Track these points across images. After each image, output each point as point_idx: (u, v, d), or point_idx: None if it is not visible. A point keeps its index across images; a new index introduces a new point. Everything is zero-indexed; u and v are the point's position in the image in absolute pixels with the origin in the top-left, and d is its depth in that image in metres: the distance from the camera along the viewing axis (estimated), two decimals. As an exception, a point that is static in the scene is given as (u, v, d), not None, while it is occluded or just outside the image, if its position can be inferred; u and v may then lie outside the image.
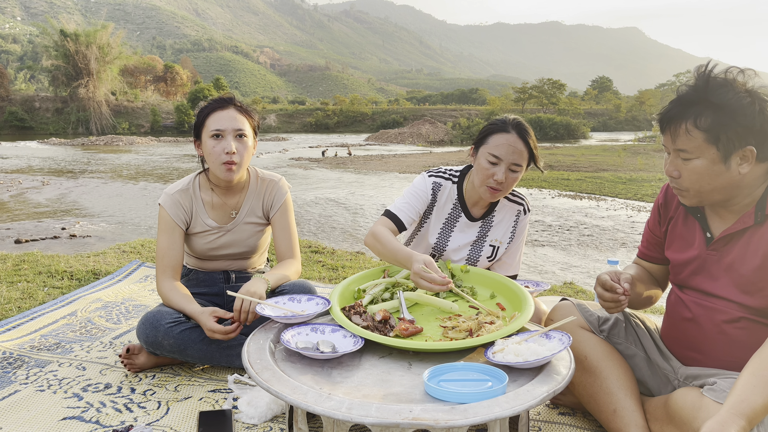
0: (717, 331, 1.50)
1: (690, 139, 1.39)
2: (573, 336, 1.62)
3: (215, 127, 2.04)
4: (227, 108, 2.08)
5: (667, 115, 1.43)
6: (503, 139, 2.03)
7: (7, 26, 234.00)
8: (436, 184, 2.20)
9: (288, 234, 2.26)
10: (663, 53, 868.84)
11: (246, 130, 2.09)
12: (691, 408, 1.35)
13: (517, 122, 2.07)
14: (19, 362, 2.16)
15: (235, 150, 2.04)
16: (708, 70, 1.41)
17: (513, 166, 2.03)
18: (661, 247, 1.71)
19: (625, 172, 14.63)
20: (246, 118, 2.11)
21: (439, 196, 2.20)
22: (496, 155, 2.01)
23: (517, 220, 2.26)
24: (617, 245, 6.24)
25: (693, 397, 1.38)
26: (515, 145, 2.02)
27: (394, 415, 1.24)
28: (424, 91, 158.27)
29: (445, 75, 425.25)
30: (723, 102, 1.35)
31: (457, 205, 2.21)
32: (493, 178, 2.02)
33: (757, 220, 1.44)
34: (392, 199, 10.18)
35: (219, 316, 1.96)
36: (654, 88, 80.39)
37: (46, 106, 51.21)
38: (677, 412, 1.39)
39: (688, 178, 1.43)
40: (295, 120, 61.69)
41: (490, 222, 2.23)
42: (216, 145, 2.05)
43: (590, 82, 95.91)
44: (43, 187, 11.96)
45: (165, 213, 2.14)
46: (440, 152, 25.38)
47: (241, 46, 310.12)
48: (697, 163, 1.40)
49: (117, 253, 4.13)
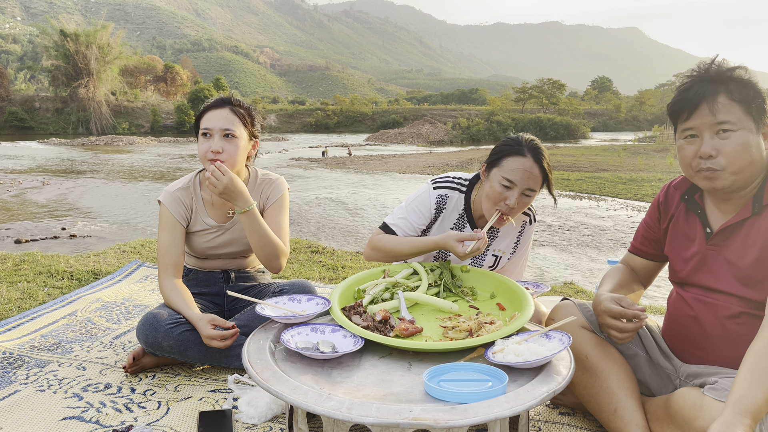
0: (718, 327, 1.50)
1: (731, 111, 1.39)
2: (574, 336, 1.62)
3: (204, 126, 2.07)
4: (222, 108, 2.09)
5: (698, 93, 1.42)
6: (519, 163, 1.94)
7: (7, 26, 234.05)
8: (441, 198, 2.13)
9: (279, 229, 2.19)
10: (663, 53, 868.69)
11: (236, 131, 2.07)
12: (692, 407, 1.36)
13: (533, 145, 1.98)
14: (19, 362, 2.16)
15: (220, 149, 2.03)
16: (712, 60, 1.46)
17: (527, 191, 1.96)
18: (658, 244, 1.72)
19: (625, 172, 14.63)
20: (240, 119, 2.10)
21: (446, 208, 2.14)
22: (511, 180, 1.94)
23: (523, 230, 2.21)
24: (617, 245, 6.23)
25: (694, 397, 1.38)
26: (531, 170, 1.94)
27: (394, 415, 1.24)
28: (424, 91, 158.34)
29: (445, 75, 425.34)
30: (742, 78, 1.40)
31: (463, 215, 2.16)
32: (505, 202, 1.95)
33: (755, 211, 1.45)
34: (392, 200, 10.17)
35: (217, 324, 1.95)
36: (654, 88, 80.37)
37: (46, 106, 51.23)
38: (678, 412, 1.39)
39: (728, 154, 1.41)
40: (295, 120, 61.72)
41: (496, 232, 2.18)
42: (204, 143, 2.07)
43: (590, 82, 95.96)
44: (44, 187, 11.96)
45: (166, 210, 2.14)
46: (440, 152, 25.38)
47: (241, 46, 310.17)
48: (740, 135, 1.40)
49: (117, 253, 4.13)
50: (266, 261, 2.11)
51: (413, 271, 2.03)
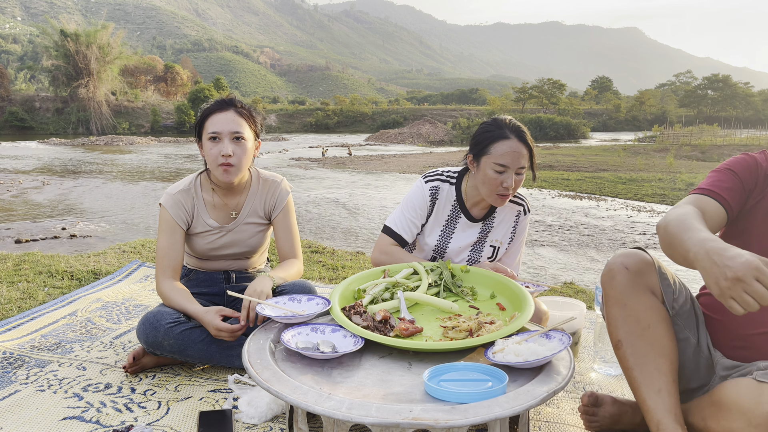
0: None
1: None
2: (639, 299, 1.47)
3: (213, 130, 2.05)
4: (227, 110, 2.08)
5: None
6: (506, 146, 2.01)
7: (7, 26, 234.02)
8: (433, 189, 2.19)
9: (290, 235, 2.27)
10: (663, 53, 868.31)
11: (244, 133, 2.08)
12: (751, 395, 1.32)
13: (514, 126, 2.06)
14: (19, 362, 2.16)
15: (231, 153, 2.04)
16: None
17: (519, 170, 2.03)
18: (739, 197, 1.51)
19: (625, 172, 14.63)
20: (246, 120, 2.10)
21: (438, 199, 2.19)
22: (503, 164, 2.00)
23: (518, 221, 2.26)
24: (617, 245, 6.23)
25: (749, 385, 1.33)
26: (519, 150, 2.01)
27: (394, 415, 1.24)
28: (424, 91, 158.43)
29: (445, 75, 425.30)
30: None
31: (456, 206, 2.20)
32: (503, 185, 2.02)
33: None
34: (392, 199, 10.17)
35: (226, 315, 1.96)
36: (654, 88, 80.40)
37: (46, 106, 51.23)
38: (736, 402, 1.34)
39: None
40: (295, 120, 61.73)
41: (491, 223, 2.23)
42: (213, 147, 2.05)
43: (590, 82, 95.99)
44: (44, 187, 11.96)
45: (166, 213, 2.14)
46: (440, 152, 25.38)
47: (241, 46, 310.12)
48: None
49: (117, 253, 4.13)
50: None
51: (413, 271, 2.03)
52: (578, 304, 2.38)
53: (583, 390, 2.01)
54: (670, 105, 75.65)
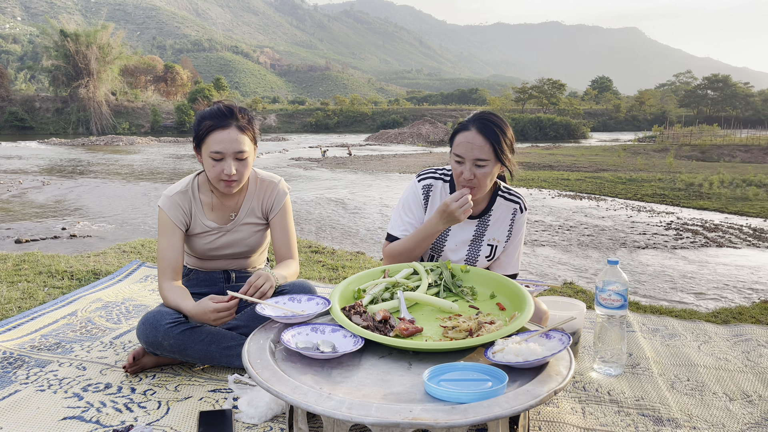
0: None
1: None
2: None
3: (215, 149, 2.01)
4: (228, 127, 2.02)
5: None
6: (462, 137, 2.03)
7: (7, 26, 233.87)
8: (426, 187, 2.21)
9: (287, 236, 2.28)
10: (663, 53, 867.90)
11: (247, 150, 2.06)
12: None
13: (478, 117, 2.05)
14: (19, 362, 2.16)
15: (234, 172, 2.03)
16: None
17: (477, 162, 2.01)
18: None
19: (625, 172, 14.63)
20: (247, 133, 2.07)
21: (431, 196, 2.21)
22: (458, 154, 2.02)
23: (514, 219, 2.25)
24: (617, 245, 6.23)
25: None
26: (473, 141, 2.00)
27: (394, 414, 1.24)
28: (424, 91, 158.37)
29: (445, 75, 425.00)
30: None
31: None
32: (462, 176, 2.03)
33: None
34: (392, 199, 10.17)
35: (217, 301, 1.93)
36: (654, 88, 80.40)
37: (46, 106, 51.26)
38: None
39: None
40: (295, 120, 61.76)
41: (487, 221, 2.23)
42: (215, 165, 2.03)
43: (590, 82, 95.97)
44: (44, 187, 11.96)
45: (164, 215, 2.14)
46: (440, 152, 25.37)
47: (241, 46, 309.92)
48: None
49: (117, 253, 4.13)
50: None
51: (413, 271, 2.03)
52: (578, 304, 2.38)
53: (583, 390, 2.01)
54: (670, 105, 75.70)
